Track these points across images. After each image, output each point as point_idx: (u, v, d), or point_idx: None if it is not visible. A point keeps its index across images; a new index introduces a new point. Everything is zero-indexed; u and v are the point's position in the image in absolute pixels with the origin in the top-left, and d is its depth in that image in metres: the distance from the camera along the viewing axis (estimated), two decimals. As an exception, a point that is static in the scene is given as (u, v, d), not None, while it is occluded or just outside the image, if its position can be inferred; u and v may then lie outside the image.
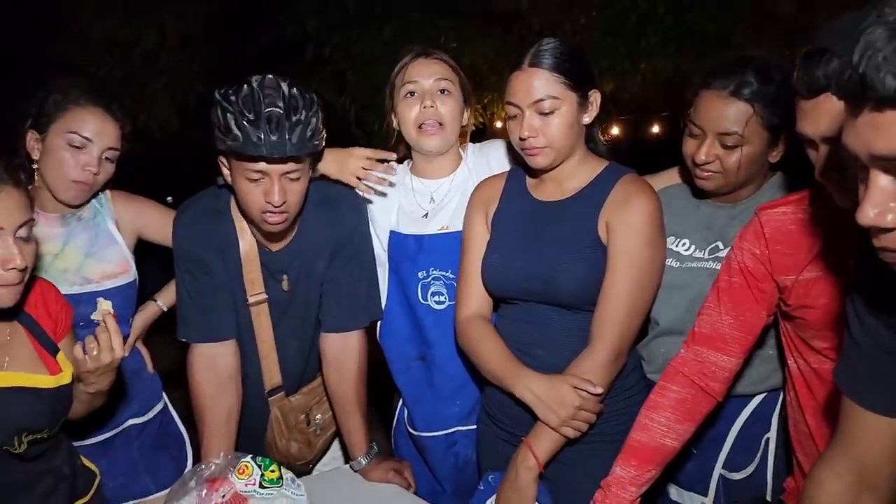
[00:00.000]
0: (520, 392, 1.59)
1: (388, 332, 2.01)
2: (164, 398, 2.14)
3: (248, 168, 1.64)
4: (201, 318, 1.86)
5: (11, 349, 1.49)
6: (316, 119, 1.66)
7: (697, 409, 1.50)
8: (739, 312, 1.47)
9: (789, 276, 1.40)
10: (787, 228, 1.40)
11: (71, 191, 1.85)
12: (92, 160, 1.84)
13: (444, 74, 1.87)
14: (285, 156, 1.61)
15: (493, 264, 1.71)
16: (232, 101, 1.61)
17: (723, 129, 1.56)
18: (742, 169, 1.60)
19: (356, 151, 1.92)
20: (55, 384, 1.50)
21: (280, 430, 2.02)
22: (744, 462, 1.74)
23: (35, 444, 1.49)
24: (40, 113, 1.83)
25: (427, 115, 1.84)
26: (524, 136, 1.59)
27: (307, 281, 1.90)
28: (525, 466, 1.55)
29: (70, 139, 1.81)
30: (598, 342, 1.56)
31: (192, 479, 1.61)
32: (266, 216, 1.69)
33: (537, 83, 1.56)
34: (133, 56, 5.66)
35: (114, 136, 1.88)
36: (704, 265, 1.71)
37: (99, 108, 1.85)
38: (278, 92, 1.62)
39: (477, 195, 1.82)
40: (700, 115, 1.60)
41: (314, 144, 1.68)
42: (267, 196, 1.66)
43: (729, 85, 1.55)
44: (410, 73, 1.87)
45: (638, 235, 1.56)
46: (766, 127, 1.56)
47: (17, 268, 1.35)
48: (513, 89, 1.60)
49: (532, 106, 1.57)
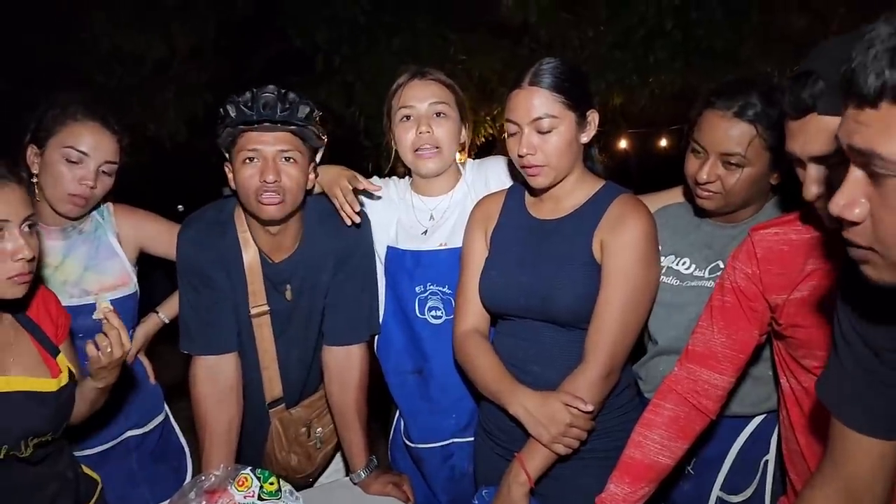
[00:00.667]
0: (513, 408, 1.60)
1: (386, 346, 2.02)
2: (165, 409, 2.15)
3: (244, 149, 1.71)
4: (203, 330, 1.88)
5: (15, 351, 1.53)
6: (310, 109, 1.75)
7: (691, 426, 1.51)
8: (732, 331, 1.48)
9: (780, 296, 1.41)
10: (778, 249, 1.42)
11: (68, 204, 1.87)
12: (88, 174, 1.85)
13: (439, 97, 1.89)
14: (276, 122, 1.68)
15: (491, 281, 1.73)
16: (232, 100, 1.72)
17: (725, 149, 1.57)
18: (743, 190, 1.61)
19: (346, 181, 1.89)
20: (56, 387, 1.54)
21: (280, 443, 2.03)
22: (742, 484, 1.73)
23: (40, 448, 1.52)
24: (38, 127, 1.86)
25: (423, 141, 1.87)
26: (523, 154, 1.61)
27: (310, 292, 1.92)
28: (517, 482, 1.57)
29: (67, 154, 1.83)
30: (590, 359, 1.57)
31: (191, 491, 1.63)
32: (262, 197, 1.73)
33: (536, 101, 1.59)
34: (143, 66, 5.73)
35: (111, 150, 1.89)
36: (704, 284, 1.71)
37: (96, 123, 1.86)
38: (275, 88, 1.72)
39: (477, 212, 1.84)
40: (703, 135, 1.61)
41: (305, 122, 1.74)
42: (262, 175, 1.71)
43: (733, 106, 1.56)
44: (406, 96, 1.89)
45: (631, 254, 1.57)
46: (768, 149, 1.56)
47: (25, 258, 1.42)
48: (512, 107, 1.62)
49: (531, 124, 1.59)
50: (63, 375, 1.56)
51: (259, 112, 1.67)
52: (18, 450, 1.47)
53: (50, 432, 1.52)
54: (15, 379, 1.49)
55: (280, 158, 1.73)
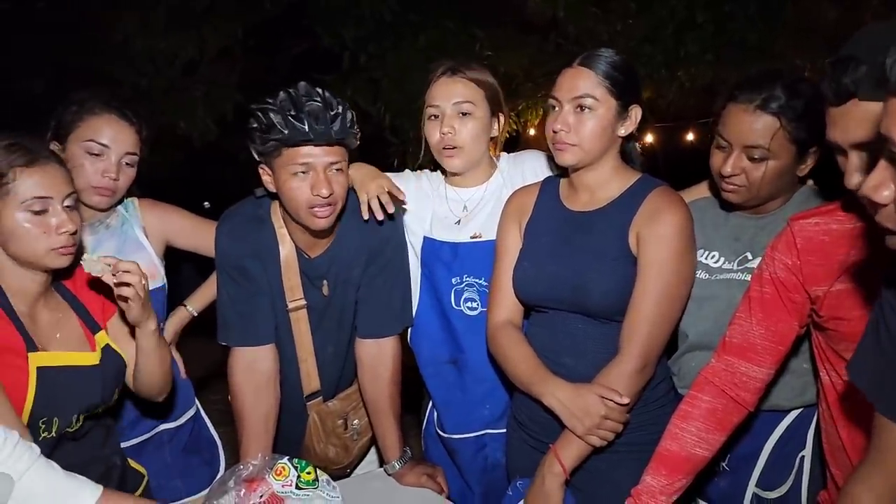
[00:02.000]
0: (547, 400, 1.61)
1: (420, 336, 2.04)
2: (196, 404, 2.18)
3: (294, 162, 1.70)
4: (241, 322, 1.90)
5: (62, 326, 1.61)
6: (351, 114, 1.73)
7: (728, 419, 1.50)
8: (771, 323, 1.47)
9: (821, 287, 1.39)
10: (818, 239, 1.40)
11: (95, 196, 1.90)
12: (111, 166, 1.89)
13: (465, 96, 1.88)
14: (332, 140, 1.68)
15: (524, 272, 1.73)
16: (271, 103, 1.68)
17: (749, 142, 1.56)
18: (768, 183, 1.60)
19: (384, 181, 1.92)
20: (97, 360, 1.61)
21: (318, 435, 2.05)
22: (778, 480, 1.71)
23: (88, 420, 1.59)
24: (59, 125, 1.89)
25: (446, 141, 1.89)
26: (556, 129, 1.62)
27: (344, 287, 1.93)
28: (551, 473, 1.57)
29: (88, 147, 1.87)
30: (625, 352, 1.57)
31: (230, 479, 1.64)
32: (315, 210, 1.73)
33: (581, 81, 1.61)
34: (174, 67, 5.81)
35: (131, 142, 1.92)
36: (734, 276, 1.70)
37: (113, 115, 1.89)
38: (315, 94, 1.69)
39: (511, 204, 1.85)
40: (727, 128, 1.60)
41: (354, 133, 1.74)
42: (315, 189, 1.70)
43: (756, 98, 1.55)
44: (433, 94, 1.91)
45: (668, 247, 1.57)
46: (793, 141, 1.55)
47: (68, 231, 1.52)
48: (558, 84, 1.65)
49: (571, 101, 1.61)
50: (98, 350, 1.62)
51: (312, 128, 1.66)
52: (68, 424, 1.53)
53: (100, 404, 1.59)
54: (59, 354, 1.55)
55: (331, 170, 1.73)
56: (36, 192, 1.48)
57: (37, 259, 1.51)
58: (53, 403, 1.50)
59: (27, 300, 1.56)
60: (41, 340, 1.54)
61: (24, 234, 1.49)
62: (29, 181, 1.48)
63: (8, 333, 1.49)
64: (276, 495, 1.61)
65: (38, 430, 1.49)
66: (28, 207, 1.48)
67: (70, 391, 1.54)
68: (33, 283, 1.55)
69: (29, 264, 1.53)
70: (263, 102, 1.71)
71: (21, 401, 1.46)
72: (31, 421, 1.48)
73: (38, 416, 1.48)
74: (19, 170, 1.47)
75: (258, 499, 1.59)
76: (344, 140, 1.72)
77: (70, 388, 1.54)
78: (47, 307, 1.60)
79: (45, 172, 1.50)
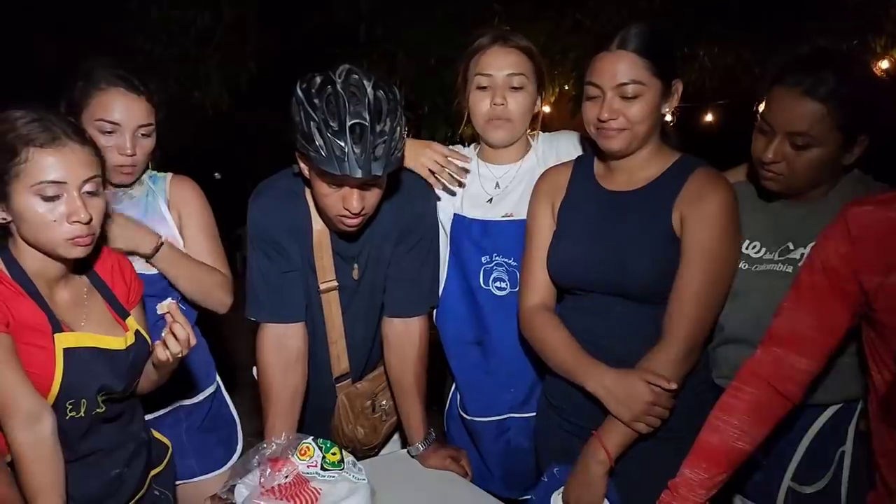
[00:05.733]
0: (591, 386, 1.57)
1: (446, 315, 2.00)
2: (217, 381, 2.13)
3: (324, 179, 1.62)
4: (273, 298, 1.85)
5: (88, 308, 1.55)
6: (400, 127, 1.59)
7: (773, 412, 1.45)
8: (821, 314, 1.41)
9: (876, 278, 1.33)
10: (875, 227, 1.33)
11: (118, 175, 1.86)
12: (125, 143, 1.83)
13: (518, 67, 1.83)
14: (369, 177, 1.56)
15: (563, 254, 1.68)
16: (315, 106, 1.54)
17: (793, 128, 1.50)
18: (810, 172, 1.54)
19: (435, 147, 1.90)
20: (125, 345, 1.54)
21: (346, 416, 2.02)
22: (816, 475, 1.65)
23: (112, 403, 1.54)
24: (69, 102, 1.83)
25: (497, 113, 1.83)
26: (604, 118, 1.55)
27: (375, 265, 1.89)
28: (596, 460, 1.54)
29: (100, 126, 1.81)
30: (671, 337, 1.53)
31: (254, 457, 1.62)
32: (342, 219, 1.68)
33: (623, 66, 1.53)
34: (188, 35, 5.74)
35: (142, 113, 1.85)
36: (774, 267, 1.64)
37: (120, 88, 1.81)
38: (363, 96, 1.55)
39: (542, 184, 1.79)
40: (771, 113, 1.53)
41: (397, 157, 1.61)
42: (345, 203, 1.62)
43: (803, 82, 1.48)
44: (484, 63, 1.84)
45: (713, 229, 1.52)
46: (839, 128, 1.48)
47: (81, 220, 1.40)
48: (597, 71, 1.56)
49: (615, 89, 1.54)
50: (129, 335, 1.57)
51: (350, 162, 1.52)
52: (95, 405, 1.48)
53: (121, 389, 1.53)
54: (85, 335, 1.49)
55: (365, 188, 1.63)
56: (49, 176, 1.37)
57: (52, 248, 1.42)
58: (81, 385, 1.45)
59: (49, 282, 1.49)
60: (67, 321, 1.49)
61: (34, 220, 1.39)
62: (43, 162, 1.36)
63: (32, 313, 1.43)
64: (301, 476, 1.58)
65: (66, 410, 1.45)
66: (39, 192, 1.37)
67: (96, 373, 1.48)
68: (53, 266, 1.48)
69: (44, 251, 1.45)
70: (307, 94, 1.56)
71: (48, 381, 1.41)
72: (59, 402, 1.43)
73: (66, 398, 1.44)
74: (35, 149, 1.36)
75: (283, 479, 1.55)
76: (383, 174, 1.58)
77: (96, 370, 1.48)
78: (69, 289, 1.54)
79: (63, 154, 1.38)
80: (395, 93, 1.63)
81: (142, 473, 1.63)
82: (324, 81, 1.58)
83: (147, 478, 1.65)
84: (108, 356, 1.51)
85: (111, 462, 1.56)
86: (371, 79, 1.58)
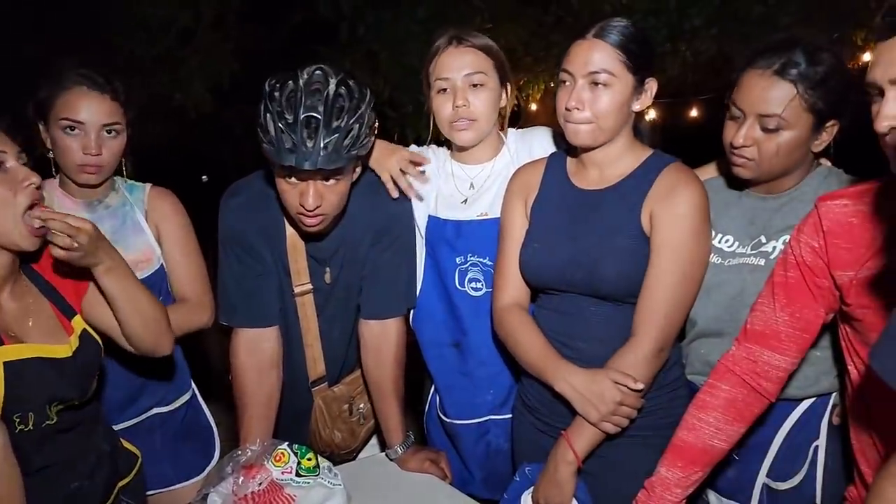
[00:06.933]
0: (559, 386, 1.56)
1: (423, 318, 1.98)
2: (192, 387, 2.11)
3: (282, 176, 1.61)
4: (246, 302, 1.83)
5: (34, 316, 1.50)
6: (359, 125, 1.58)
7: (749, 409, 1.44)
8: (796, 309, 1.40)
9: (847, 272, 1.32)
10: (847, 221, 1.33)
11: (82, 174, 1.82)
12: (90, 142, 1.79)
13: (475, 66, 1.80)
14: (315, 168, 1.54)
15: (533, 254, 1.67)
16: (274, 99, 1.55)
17: (764, 110, 1.48)
18: (781, 156, 1.52)
19: (402, 153, 1.86)
20: (70, 352, 1.50)
21: (324, 420, 2.00)
22: (790, 471, 1.64)
23: (67, 412, 1.49)
24: (36, 105, 1.81)
25: (459, 114, 1.80)
26: (570, 107, 1.54)
27: (350, 266, 1.87)
28: (564, 461, 1.53)
29: (64, 126, 1.78)
30: (640, 336, 1.52)
31: (228, 465, 1.60)
32: (301, 218, 1.66)
33: (596, 55, 1.52)
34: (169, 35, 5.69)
35: (107, 112, 1.81)
36: (747, 261, 1.63)
37: (84, 87, 1.78)
38: (323, 92, 1.54)
39: (515, 182, 1.77)
40: (741, 96, 1.52)
41: (351, 154, 1.58)
42: (302, 199, 1.61)
43: (774, 64, 1.47)
44: (441, 66, 1.81)
45: (683, 226, 1.50)
46: (809, 110, 1.47)
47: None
48: (570, 57, 1.55)
49: (586, 77, 1.52)
50: (74, 339, 1.51)
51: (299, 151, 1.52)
52: (45, 417, 1.44)
53: (75, 397, 1.49)
54: (29, 346, 1.45)
55: (321, 183, 1.61)
56: None
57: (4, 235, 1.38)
58: (26, 397, 1.41)
59: None
60: (9, 331, 1.44)
61: None
62: None
63: None
64: (275, 483, 1.56)
65: (14, 424, 1.40)
66: None
67: (42, 384, 1.43)
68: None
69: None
70: (271, 88, 1.57)
71: None
72: (5, 416, 1.38)
73: (12, 412, 1.39)
74: None
75: (257, 486, 1.54)
76: (331, 167, 1.56)
77: (42, 381, 1.43)
78: (14, 294, 1.48)
79: None
80: (364, 93, 1.61)
81: (106, 485, 1.59)
82: (288, 77, 1.57)
83: (114, 489, 1.62)
84: (55, 365, 1.46)
85: (71, 475, 1.52)
86: (337, 76, 1.57)
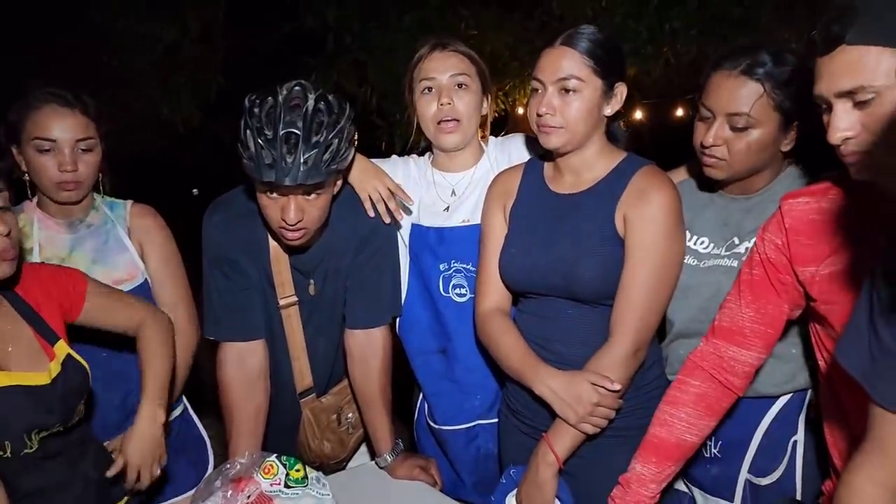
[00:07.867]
0: (539, 389, 1.59)
1: (409, 325, 2.01)
2: (183, 402, 2.12)
3: (263, 191, 1.64)
4: (231, 316, 1.85)
5: (14, 343, 1.49)
6: (339, 139, 1.60)
7: (718, 404, 1.48)
8: (760, 305, 1.44)
9: (808, 268, 1.36)
10: (808, 218, 1.36)
11: (61, 192, 1.83)
12: (64, 159, 1.80)
13: (460, 69, 1.86)
14: (295, 183, 1.56)
15: (512, 259, 1.70)
16: (253, 114, 1.57)
17: (732, 109, 1.52)
18: (750, 155, 1.56)
19: (385, 180, 1.88)
20: (49, 379, 1.48)
21: (312, 431, 2.02)
22: (771, 466, 1.68)
23: (51, 439, 1.48)
24: (9, 128, 1.82)
25: (444, 113, 1.85)
26: (541, 113, 1.58)
27: (335, 277, 1.89)
28: (545, 462, 1.56)
29: (38, 145, 1.79)
30: (616, 337, 1.55)
31: (217, 479, 1.61)
32: (283, 232, 1.68)
33: (565, 62, 1.56)
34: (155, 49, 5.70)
35: (78, 127, 1.81)
36: (721, 262, 1.67)
37: (52, 105, 1.79)
38: (302, 107, 1.57)
39: (494, 188, 1.81)
40: (710, 96, 1.56)
41: (331, 169, 1.61)
42: (283, 213, 1.63)
43: (740, 64, 1.51)
44: (427, 68, 1.87)
45: (656, 228, 1.54)
46: (777, 108, 1.51)
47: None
48: (541, 65, 1.60)
49: (555, 83, 1.57)
50: (54, 365, 1.50)
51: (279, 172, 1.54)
52: (23, 445, 1.43)
53: (57, 424, 1.48)
54: (6, 374, 1.44)
55: (302, 198, 1.63)
56: None
57: None
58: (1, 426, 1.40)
59: None
60: None
61: None
62: None
63: None
64: (264, 495, 1.58)
65: None
66: None
67: (17, 413, 1.42)
68: None
69: None
70: (251, 104, 1.59)
71: None
72: None
73: None
74: None
75: (246, 499, 1.55)
76: (311, 182, 1.57)
77: (17, 410, 1.42)
78: None
79: None
80: (344, 107, 1.64)
81: None
82: (267, 93, 1.60)
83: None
84: (32, 393, 1.45)
85: (60, 501, 1.52)
86: (315, 92, 1.61)
